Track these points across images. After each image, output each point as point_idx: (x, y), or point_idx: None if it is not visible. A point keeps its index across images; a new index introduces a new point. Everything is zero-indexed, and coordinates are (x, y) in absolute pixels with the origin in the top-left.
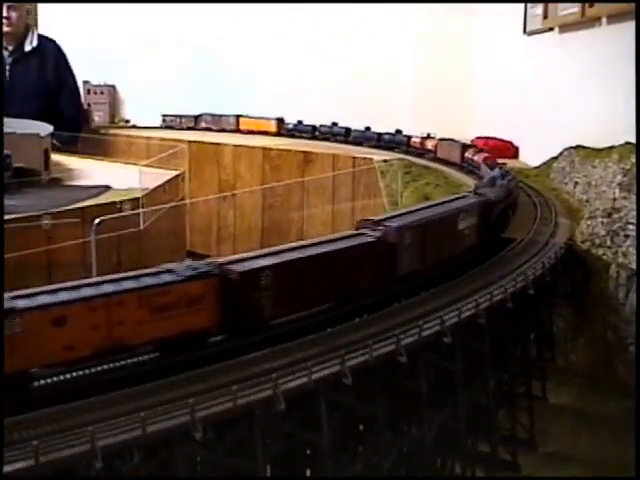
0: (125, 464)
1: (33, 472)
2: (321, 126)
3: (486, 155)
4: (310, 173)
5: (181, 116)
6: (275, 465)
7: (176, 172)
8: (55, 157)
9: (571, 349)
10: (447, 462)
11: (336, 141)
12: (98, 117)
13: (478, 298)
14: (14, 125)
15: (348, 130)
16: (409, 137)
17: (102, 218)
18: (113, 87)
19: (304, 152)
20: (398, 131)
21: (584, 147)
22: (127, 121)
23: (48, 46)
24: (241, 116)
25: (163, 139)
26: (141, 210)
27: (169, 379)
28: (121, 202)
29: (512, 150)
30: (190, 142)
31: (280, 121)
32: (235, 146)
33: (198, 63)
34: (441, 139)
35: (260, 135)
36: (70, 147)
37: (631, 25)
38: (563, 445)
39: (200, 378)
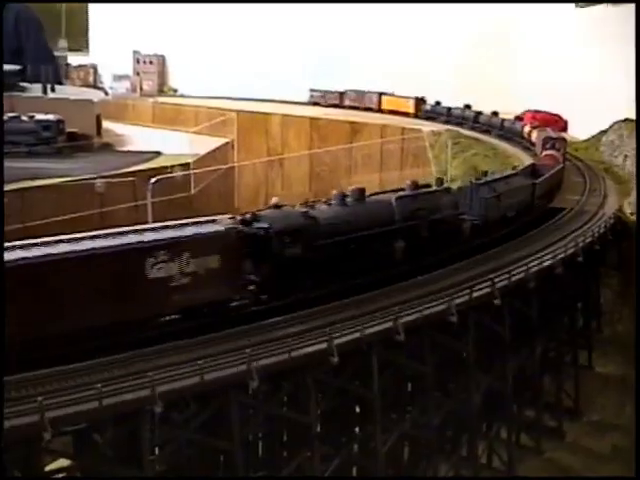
0: (181, 413)
1: (93, 415)
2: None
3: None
4: (358, 143)
5: (326, 92)
6: (325, 421)
7: (225, 140)
8: (105, 123)
9: (618, 319)
10: (493, 426)
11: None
12: (147, 86)
13: (528, 262)
14: (68, 91)
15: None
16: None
17: (158, 177)
18: (162, 57)
19: (352, 122)
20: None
21: (633, 120)
22: (175, 90)
23: None
24: (384, 94)
25: (211, 108)
26: (192, 172)
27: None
28: (172, 167)
29: (561, 123)
30: (239, 112)
31: (419, 101)
32: (283, 115)
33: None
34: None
35: (398, 116)
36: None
37: None
38: (608, 414)
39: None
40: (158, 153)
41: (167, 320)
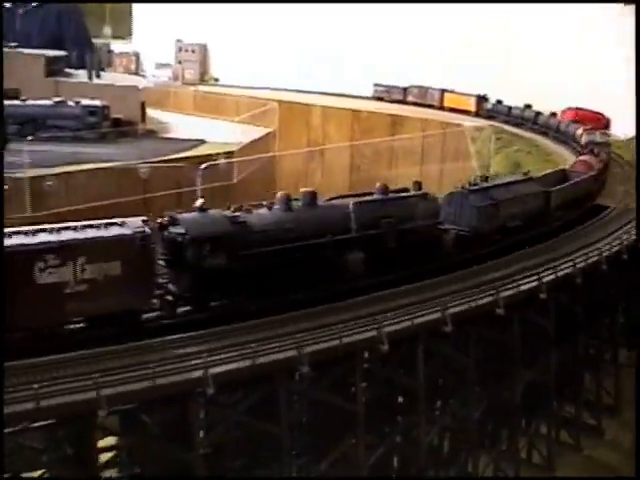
0: (230, 396)
1: (146, 394)
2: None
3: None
4: (399, 135)
5: (391, 87)
6: (371, 409)
7: (268, 129)
8: (147, 111)
9: None
10: (533, 422)
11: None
12: (189, 74)
13: (575, 258)
14: (111, 78)
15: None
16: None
17: (209, 163)
18: (204, 46)
19: (393, 115)
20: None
21: None
22: (216, 79)
23: None
24: (445, 91)
25: (252, 97)
26: (240, 159)
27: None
28: (216, 155)
29: (603, 121)
30: (280, 102)
31: (481, 99)
32: (324, 107)
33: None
34: None
35: (460, 114)
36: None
37: None
38: None
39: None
40: (202, 141)
41: (72, 329)
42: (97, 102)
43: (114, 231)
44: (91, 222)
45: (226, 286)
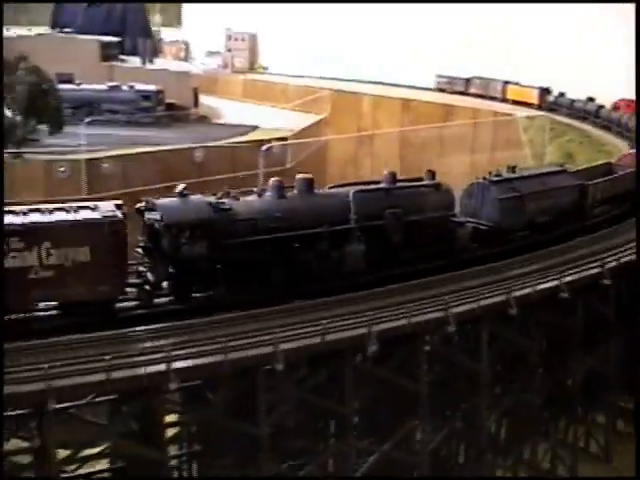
0: (291, 375)
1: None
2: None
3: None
4: (450, 126)
5: (453, 78)
6: (434, 390)
7: (319, 117)
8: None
9: None
10: (590, 411)
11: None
12: (238, 63)
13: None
14: (166, 64)
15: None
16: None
17: (272, 144)
18: (253, 35)
19: (443, 104)
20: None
21: None
22: (265, 68)
23: None
24: (508, 82)
25: (301, 86)
26: (297, 142)
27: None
28: (270, 140)
29: None
30: (330, 90)
31: (544, 91)
32: (375, 96)
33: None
34: None
35: (522, 107)
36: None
37: None
38: None
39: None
40: (255, 127)
41: (42, 315)
42: (151, 87)
43: (82, 215)
44: (62, 205)
45: (208, 277)
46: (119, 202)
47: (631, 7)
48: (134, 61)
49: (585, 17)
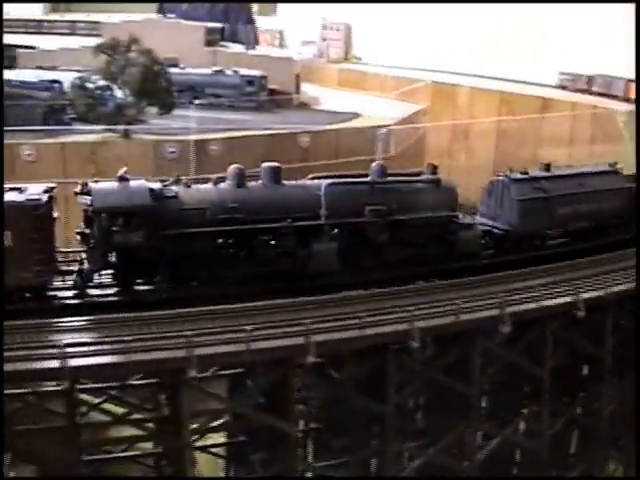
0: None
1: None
2: None
3: None
4: (547, 119)
5: (576, 75)
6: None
7: (420, 106)
8: None
9: None
10: None
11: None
12: (333, 52)
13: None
14: (267, 50)
15: None
16: None
17: (390, 127)
18: (348, 25)
19: (541, 97)
20: None
21: None
22: (359, 58)
23: None
24: (631, 81)
25: (397, 77)
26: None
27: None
28: (373, 128)
29: None
30: (427, 81)
31: None
32: (472, 88)
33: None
34: None
35: None
36: None
37: None
38: None
39: None
40: (356, 114)
41: None
42: (255, 72)
43: (6, 198)
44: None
45: (150, 269)
46: (51, 185)
47: None
48: (235, 47)
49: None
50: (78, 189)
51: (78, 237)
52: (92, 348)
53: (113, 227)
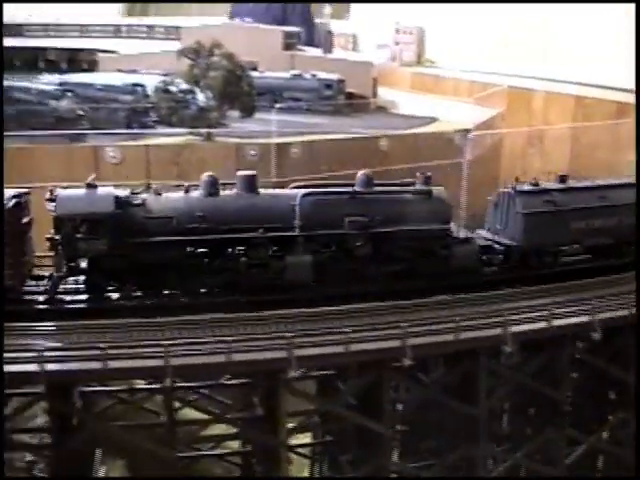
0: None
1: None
2: None
3: None
4: (624, 124)
5: None
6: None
7: (497, 111)
8: None
9: None
10: None
11: None
12: (406, 56)
13: None
14: (344, 54)
15: None
16: None
17: (476, 133)
18: (421, 29)
19: (618, 102)
20: None
21: None
22: (432, 62)
23: None
24: None
25: (471, 81)
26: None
27: None
28: (453, 132)
29: None
30: (503, 86)
31: None
32: (547, 93)
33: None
34: None
35: None
36: None
37: None
38: None
39: None
40: (433, 118)
41: None
42: (333, 76)
43: None
44: None
45: (116, 277)
46: (24, 191)
47: None
48: (312, 51)
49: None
50: (47, 195)
51: (47, 243)
52: (193, 347)
53: (77, 234)
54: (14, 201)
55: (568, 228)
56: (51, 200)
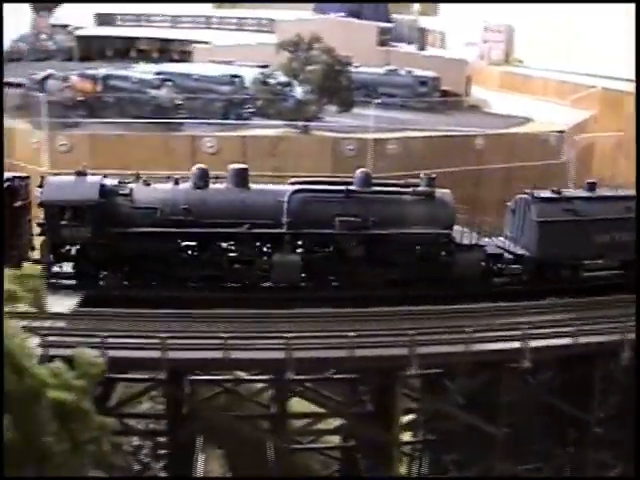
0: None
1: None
2: None
3: None
4: None
5: None
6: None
7: (590, 112)
8: None
9: None
10: None
11: None
12: (495, 54)
13: None
14: (438, 51)
15: None
16: None
17: (584, 136)
18: (510, 27)
19: None
20: None
21: None
22: (520, 61)
23: None
24: None
25: (561, 81)
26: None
27: None
28: (548, 133)
29: None
30: (596, 87)
31: None
32: None
33: None
34: None
35: None
36: None
37: None
38: None
39: None
40: (528, 119)
41: None
42: (428, 73)
43: None
44: None
45: (100, 265)
46: (20, 175)
47: None
48: (407, 47)
49: None
50: (39, 182)
51: (38, 229)
52: (314, 341)
53: (61, 221)
54: (6, 184)
55: (590, 240)
56: (40, 186)
